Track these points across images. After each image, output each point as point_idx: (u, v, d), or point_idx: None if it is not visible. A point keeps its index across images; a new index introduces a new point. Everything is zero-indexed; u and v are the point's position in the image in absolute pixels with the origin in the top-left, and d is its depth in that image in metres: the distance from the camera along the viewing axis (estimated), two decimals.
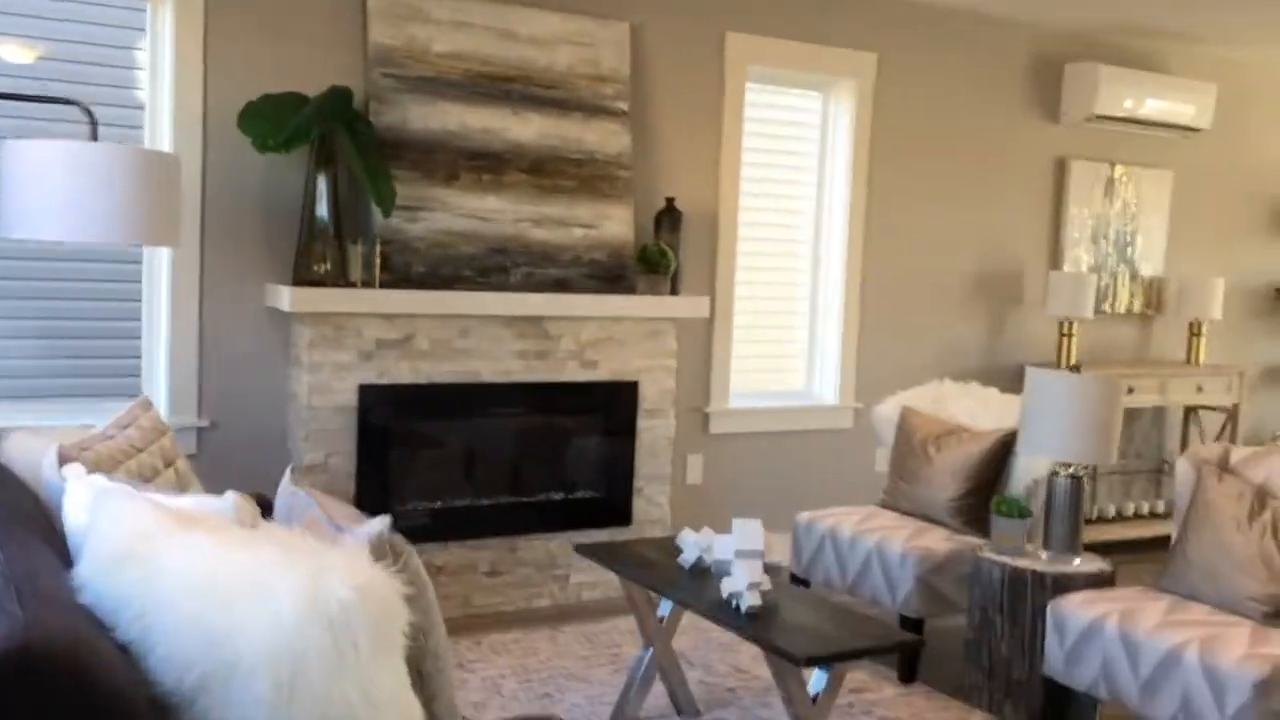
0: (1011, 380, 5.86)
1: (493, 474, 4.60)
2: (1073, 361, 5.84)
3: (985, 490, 4.17)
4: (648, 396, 4.79)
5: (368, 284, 4.17)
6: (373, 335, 4.21)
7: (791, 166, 5.45)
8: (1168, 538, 5.90)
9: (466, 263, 4.41)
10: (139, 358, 4.15)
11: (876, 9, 5.39)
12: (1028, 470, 4.12)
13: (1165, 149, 6.29)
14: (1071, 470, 3.74)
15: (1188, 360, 6.31)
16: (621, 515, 4.80)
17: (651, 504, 4.84)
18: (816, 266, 5.54)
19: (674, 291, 4.81)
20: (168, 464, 2.91)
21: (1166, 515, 6.22)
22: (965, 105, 5.72)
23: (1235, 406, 6.20)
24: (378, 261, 4.18)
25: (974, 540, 4.06)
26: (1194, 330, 6.29)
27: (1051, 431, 3.71)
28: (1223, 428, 6.28)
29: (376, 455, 4.27)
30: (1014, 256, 5.96)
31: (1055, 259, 6.04)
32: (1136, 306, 6.31)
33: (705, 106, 5.06)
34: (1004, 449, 4.19)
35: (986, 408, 4.47)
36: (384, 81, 4.30)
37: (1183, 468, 3.63)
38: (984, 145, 5.80)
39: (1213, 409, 6.21)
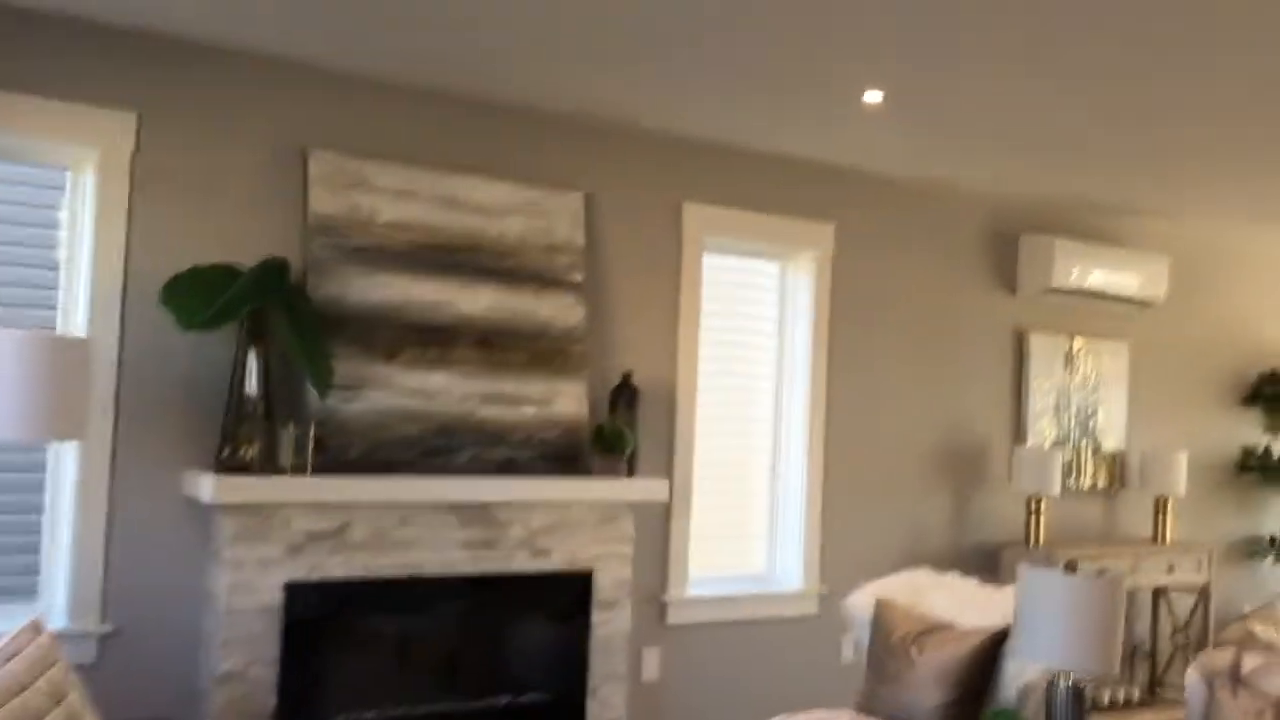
0: (979, 561, 5.59)
1: (433, 678, 4.16)
2: (1041, 539, 5.60)
3: (974, 697, 3.83)
4: (602, 587, 4.42)
5: (299, 469, 3.80)
6: (303, 526, 3.82)
7: (753, 332, 5.24)
8: None
9: (408, 445, 4.07)
10: (39, 555, 3.71)
11: (833, 180, 5.28)
12: (1018, 675, 3.79)
13: (1121, 321, 6.21)
14: (1072, 680, 3.43)
15: (1154, 538, 6.10)
16: None
17: (606, 706, 4.42)
18: (777, 443, 5.28)
19: (631, 473, 4.50)
20: (57, 700, 2.48)
21: (1141, 704, 5.92)
22: (924, 277, 5.59)
23: (1206, 586, 5.97)
24: (310, 445, 3.82)
25: None
26: (1159, 506, 6.10)
27: (1049, 637, 3.40)
28: (1194, 609, 6.04)
29: (303, 661, 3.83)
30: (977, 431, 5.76)
31: (1019, 433, 5.85)
32: (1101, 482, 6.12)
33: (662, 278, 4.85)
34: (992, 650, 3.86)
35: (968, 601, 4.16)
36: (323, 252, 4.02)
37: (1192, 680, 3.34)
38: (944, 317, 5.65)
39: (1185, 590, 5.97)
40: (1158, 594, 6.10)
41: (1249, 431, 6.76)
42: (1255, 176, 5.14)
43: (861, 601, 4.37)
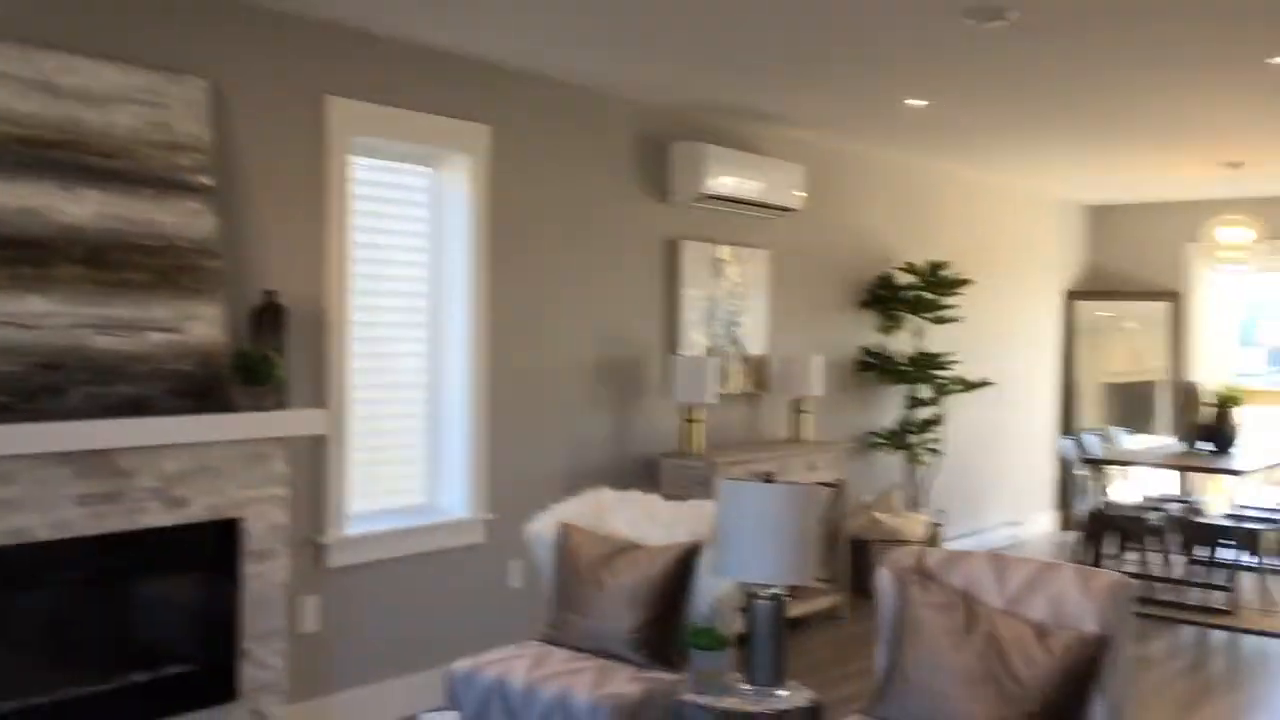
0: (640, 473, 5.54)
1: (50, 663, 3.48)
2: (698, 447, 5.62)
3: (669, 616, 3.72)
4: (254, 535, 3.89)
5: None
6: None
7: (408, 248, 4.79)
8: (795, 620, 5.88)
9: (3, 385, 3.31)
10: None
11: (487, 77, 4.89)
12: (711, 589, 3.72)
13: (763, 228, 6.32)
14: (772, 591, 3.38)
15: (794, 438, 6.34)
16: (224, 689, 3.84)
17: (261, 668, 3.92)
18: (436, 363, 4.89)
19: (281, 405, 3.96)
20: None
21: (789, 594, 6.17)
22: (582, 184, 5.36)
23: (841, 480, 6.30)
24: None
25: (664, 676, 3.58)
26: (797, 407, 6.34)
27: (750, 552, 3.34)
28: (830, 503, 6.35)
29: None
30: (635, 342, 5.66)
31: (673, 343, 5.82)
32: (747, 387, 6.26)
33: (305, 182, 4.28)
34: (684, 566, 3.77)
35: (652, 518, 4.04)
36: None
37: (884, 578, 3.39)
38: (602, 226, 5.47)
39: (826, 485, 6.26)
40: None
41: (868, 332, 7.19)
42: (863, 95, 5.35)
43: (544, 527, 4.14)
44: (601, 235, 5.46)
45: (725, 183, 5.79)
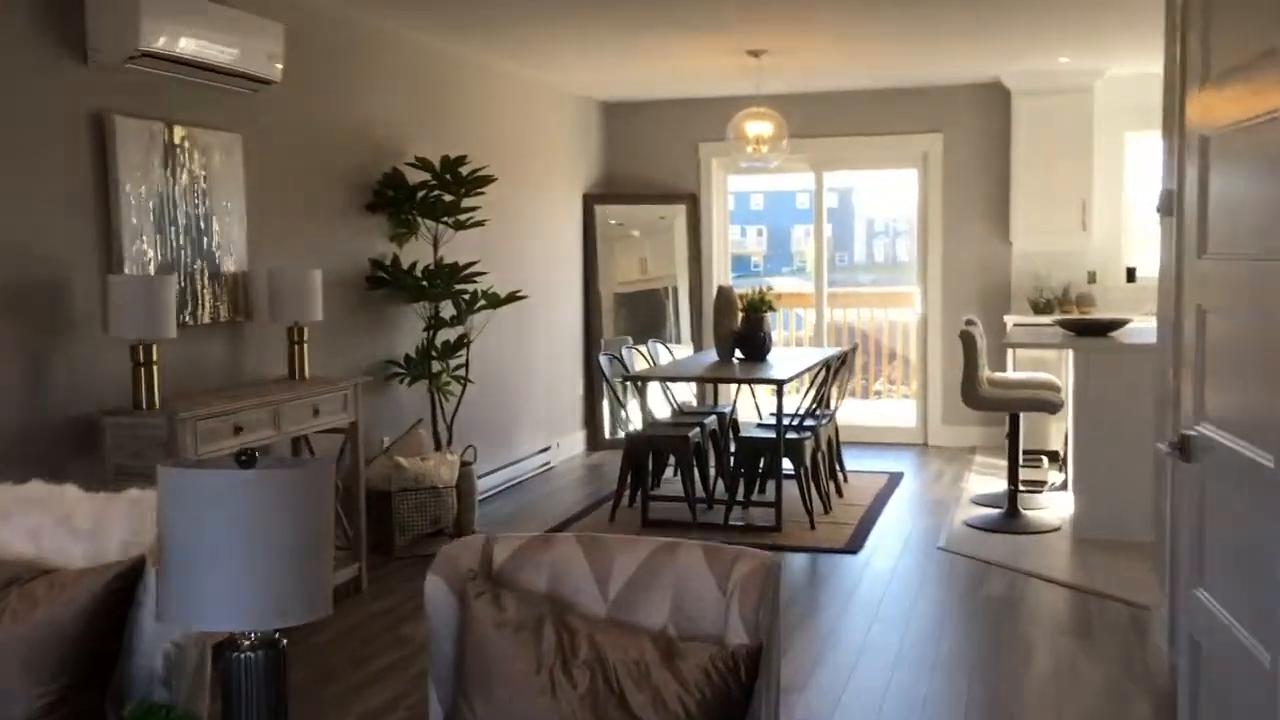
0: (73, 442, 3.99)
1: None
2: (157, 398, 4.12)
3: (93, 684, 2.35)
4: None
5: None
6: None
7: None
8: None
9: None
10: None
11: None
12: (163, 635, 2.40)
13: (233, 105, 4.84)
14: (261, 636, 2.14)
15: (291, 375, 5.01)
16: None
17: None
18: None
19: None
20: None
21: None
22: None
23: (354, 425, 5.08)
24: None
25: None
26: (294, 337, 5.00)
27: (216, 579, 2.06)
28: (341, 451, 5.12)
29: None
30: (51, 257, 4.02)
31: (112, 258, 4.24)
32: (224, 313, 4.81)
33: None
34: (117, 601, 2.40)
35: (67, 523, 2.60)
36: None
37: (435, 589, 2.26)
38: None
39: (332, 433, 5.01)
40: (299, 444, 5.05)
41: (378, 241, 5.97)
42: None
43: None
44: None
45: (172, 38, 4.26)
